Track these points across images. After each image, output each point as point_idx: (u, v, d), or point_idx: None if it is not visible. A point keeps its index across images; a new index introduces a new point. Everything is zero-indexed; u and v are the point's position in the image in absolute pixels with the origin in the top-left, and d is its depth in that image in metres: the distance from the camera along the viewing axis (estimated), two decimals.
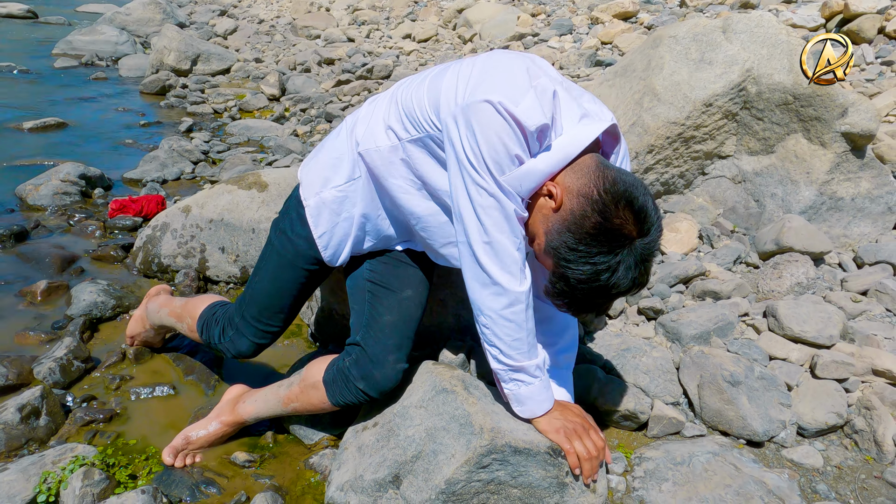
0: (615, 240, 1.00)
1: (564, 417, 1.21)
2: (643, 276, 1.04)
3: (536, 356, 1.18)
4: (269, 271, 1.45)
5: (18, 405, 1.41)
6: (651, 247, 1.02)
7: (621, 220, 1.00)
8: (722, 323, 1.63)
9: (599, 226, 1.00)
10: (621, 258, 1.00)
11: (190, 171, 3.51)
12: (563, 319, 1.34)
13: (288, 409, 1.42)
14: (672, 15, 6.33)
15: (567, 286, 1.04)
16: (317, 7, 10.76)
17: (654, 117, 2.31)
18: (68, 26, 10.22)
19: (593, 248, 1.00)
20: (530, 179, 1.06)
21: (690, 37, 2.44)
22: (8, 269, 2.30)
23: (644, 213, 1.00)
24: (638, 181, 1.04)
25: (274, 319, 1.47)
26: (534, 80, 1.05)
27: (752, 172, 2.32)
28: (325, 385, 1.35)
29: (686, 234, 2.14)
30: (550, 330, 1.33)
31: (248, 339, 1.48)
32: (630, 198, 1.00)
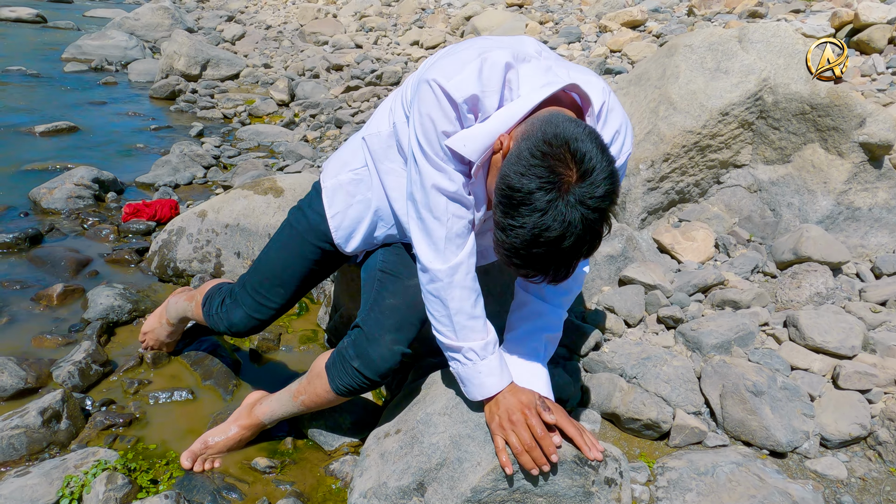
0: (548, 181, 0.91)
1: (504, 406, 1.13)
2: (583, 228, 0.92)
3: (471, 340, 1.15)
4: (279, 242, 1.48)
5: (40, 408, 1.41)
6: (589, 195, 0.91)
7: (556, 160, 0.92)
8: (743, 332, 1.62)
9: (533, 164, 0.92)
10: (552, 199, 0.91)
11: (202, 175, 3.52)
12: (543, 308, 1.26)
13: (297, 404, 1.41)
14: (680, 24, 6.35)
15: (504, 235, 0.96)
16: (324, 13, 10.82)
17: (670, 126, 2.31)
18: (77, 31, 10.28)
19: (524, 187, 0.92)
20: (476, 140, 1.04)
21: (706, 46, 2.45)
22: (23, 272, 2.30)
23: (583, 157, 0.91)
24: (591, 134, 0.95)
25: (272, 294, 1.46)
26: (485, 53, 1.05)
27: (767, 182, 2.31)
28: (326, 371, 1.34)
29: (703, 242, 2.14)
30: (528, 313, 1.27)
31: (242, 310, 1.49)
32: (569, 139, 0.92)
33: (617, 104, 1.18)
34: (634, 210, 2.35)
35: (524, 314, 1.28)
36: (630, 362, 1.57)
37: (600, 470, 1.19)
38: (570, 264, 0.97)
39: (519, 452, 1.11)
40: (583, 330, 1.65)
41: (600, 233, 0.96)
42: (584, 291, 1.85)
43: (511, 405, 1.13)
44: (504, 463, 1.12)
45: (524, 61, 1.09)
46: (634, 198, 2.34)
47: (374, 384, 1.31)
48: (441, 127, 1.06)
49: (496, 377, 1.16)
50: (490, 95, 1.05)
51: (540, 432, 1.10)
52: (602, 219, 0.94)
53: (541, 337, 1.23)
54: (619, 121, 1.17)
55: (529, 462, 1.10)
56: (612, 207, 0.96)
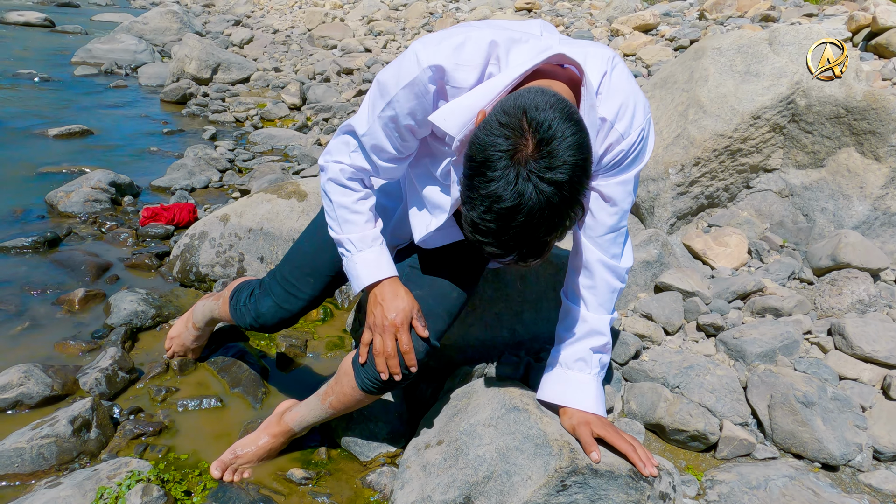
0: (502, 149, 0.85)
1: (382, 310, 1.18)
2: (538, 202, 0.85)
3: (350, 232, 1.20)
4: (312, 230, 1.46)
5: (70, 417, 1.38)
6: (545, 166, 0.84)
7: (512, 129, 0.86)
8: (787, 341, 1.58)
9: (491, 133, 0.87)
10: (505, 167, 0.85)
11: (217, 179, 3.49)
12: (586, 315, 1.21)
13: (326, 406, 1.36)
14: (693, 27, 6.32)
15: (466, 209, 0.92)
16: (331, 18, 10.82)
17: (701, 130, 2.27)
18: (85, 35, 10.30)
19: (480, 156, 0.87)
20: (455, 115, 1.00)
21: (735, 49, 2.41)
22: (44, 276, 2.27)
23: (539, 126, 0.85)
24: (558, 104, 0.87)
25: (302, 283, 1.43)
26: (472, 32, 1.03)
27: (800, 186, 2.27)
28: (353, 366, 1.29)
29: (736, 248, 2.10)
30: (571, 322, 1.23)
31: (271, 299, 1.46)
32: (527, 107, 0.86)
33: (624, 76, 1.07)
34: (663, 215, 2.31)
35: (567, 324, 1.24)
36: (672, 371, 1.53)
37: (655, 484, 1.15)
38: (531, 242, 0.89)
39: (377, 353, 1.19)
40: (621, 338, 1.60)
41: (560, 209, 0.87)
42: (621, 299, 1.81)
43: (389, 311, 1.18)
44: (361, 354, 1.23)
45: (519, 42, 1.04)
46: (664, 202, 2.30)
47: (402, 379, 1.24)
48: (392, 90, 1.05)
49: (369, 269, 1.20)
50: (463, 69, 1.01)
51: (405, 347, 1.17)
52: (560, 192, 0.85)
53: (586, 346, 1.19)
54: (626, 92, 1.07)
55: (382, 365, 1.19)
56: (576, 183, 0.86)
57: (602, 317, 1.19)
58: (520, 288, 1.64)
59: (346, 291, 2.22)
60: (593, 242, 1.17)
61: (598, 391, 1.19)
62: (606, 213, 1.14)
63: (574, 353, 1.18)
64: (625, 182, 1.12)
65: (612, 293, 1.19)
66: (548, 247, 0.93)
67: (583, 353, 1.18)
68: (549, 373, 1.23)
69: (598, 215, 1.15)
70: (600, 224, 1.15)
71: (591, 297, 1.19)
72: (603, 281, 1.17)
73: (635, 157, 1.11)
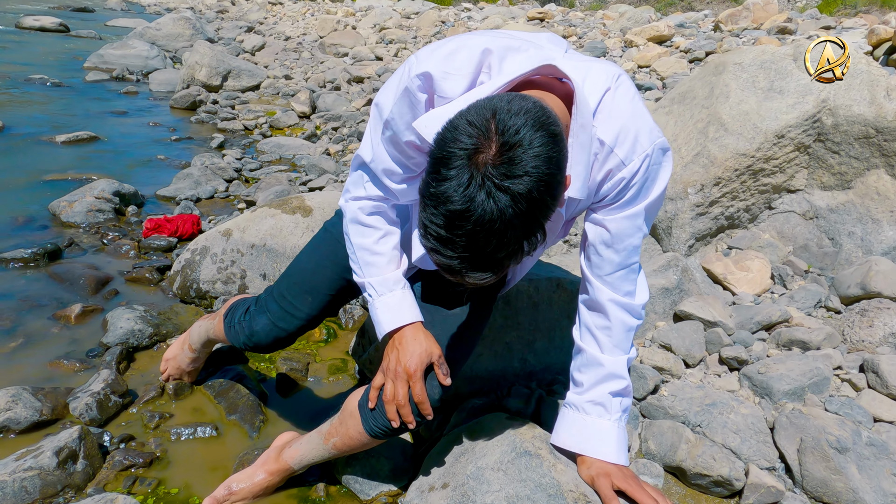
0: (462, 148, 0.78)
1: (399, 355, 1.12)
2: (489, 212, 0.76)
3: (372, 276, 1.17)
4: (312, 245, 1.40)
5: (55, 448, 1.30)
6: (503, 174, 0.76)
7: (478, 129, 0.78)
8: (817, 378, 1.48)
9: (457, 132, 0.80)
10: (460, 167, 0.78)
11: (224, 189, 3.43)
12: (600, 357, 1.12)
13: (329, 447, 1.28)
14: (709, 39, 6.24)
15: (419, 208, 0.85)
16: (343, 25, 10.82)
17: (722, 148, 2.18)
18: (99, 40, 10.36)
19: (440, 153, 0.81)
20: (437, 121, 0.91)
21: (757, 64, 2.32)
22: (42, 290, 2.21)
23: (506, 130, 0.77)
24: (534, 112, 0.80)
25: (299, 301, 1.36)
26: (468, 40, 0.97)
27: (825, 209, 2.18)
28: (359, 409, 1.21)
29: (758, 273, 2.00)
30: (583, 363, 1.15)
31: (266, 317, 1.39)
32: (498, 109, 0.79)
33: (628, 97, 0.98)
34: (681, 236, 2.22)
35: (582, 367, 1.14)
36: (693, 408, 1.44)
37: None
38: (480, 256, 0.80)
39: (388, 401, 1.12)
40: (638, 370, 1.52)
41: (514, 225, 0.78)
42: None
43: (407, 357, 1.11)
44: (371, 398, 1.16)
45: (516, 51, 0.97)
46: (682, 223, 2.21)
47: (416, 426, 1.18)
48: (385, 109, 1.03)
49: (390, 314, 1.15)
50: (452, 78, 0.95)
51: (419, 396, 1.10)
52: (516, 206, 0.77)
53: (604, 391, 1.10)
54: (630, 114, 0.97)
55: (392, 413, 1.12)
56: (537, 200, 0.78)
57: (618, 358, 1.10)
58: (532, 315, 1.56)
59: (351, 311, 2.15)
60: (602, 282, 1.08)
61: (619, 438, 1.10)
62: (614, 250, 1.05)
63: (592, 398, 1.09)
64: (633, 216, 1.02)
65: (629, 332, 1.10)
66: (501, 267, 0.83)
67: (601, 397, 1.09)
68: (565, 417, 1.14)
69: (605, 253, 1.06)
70: (608, 262, 1.06)
71: (605, 338, 1.10)
72: (618, 321, 1.08)
73: (640, 187, 1.00)
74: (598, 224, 1.05)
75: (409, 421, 1.11)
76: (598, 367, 1.09)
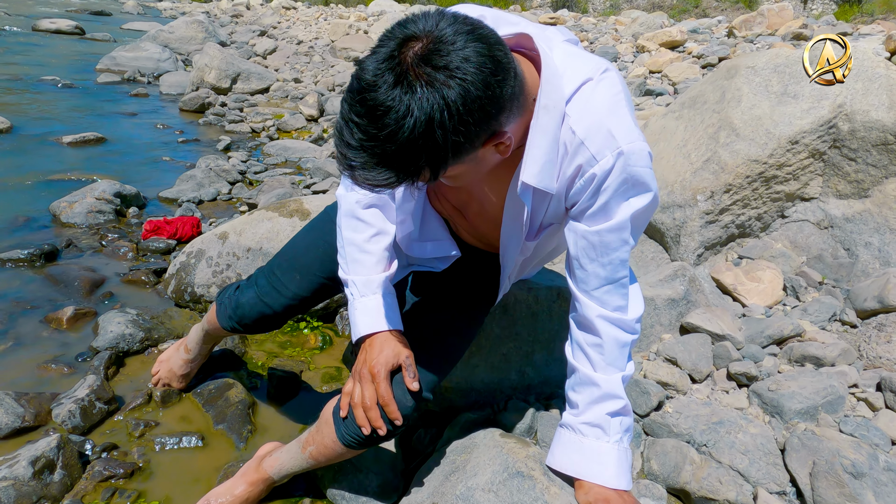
0: (399, 32, 0.76)
1: (368, 357, 1.07)
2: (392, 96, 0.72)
3: (356, 274, 1.12)
4: (310, 226, 1.38)
5: (31, 457, 1.26)
6: (422, 61, 0.72)
7: (420, 23, 0.76)
8: (831, 396, 1.40)
9: (403, 21, 0.78)
10: (388, 46, 0.76)
11: (227, 191, 3.40)
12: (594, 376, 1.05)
13: (306, 456, 1.22)
14: (722, 44, 6.15)
15: None
16: (355, 29, 10.83)
17: (733, 154, 2.11)
18: (113, 43, 10.45)
19: (381, 38, 0.79)
20: None
21: (771, 68, 2.25)
22: (36, 291, 2.18)
23: (442, 34, 0.74)
24: (490, 34, 0.77)
25: (287, 278, 1.33)
26: (468, 8, 0.92)
27: (841, 218, 2.09)
28: (333, 417, 1.15)
29: (770, 284, 1.92)
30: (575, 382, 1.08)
31: (253, 291, 1.37)
32: (448, 16, 0.77)
33: (611, 92, 0.91)
34: (690, 244, 2.14)
35: (576, 387, 1.07)
36: (699, 427, 1.36)
37: None
38: (371, 144, 0.75)
39: (355, 405, 1.07)
40: (642, 386, 1.44)
41: (418, 121, 0.72)
42: (642, 340, 1.65)
43: (375, 358, 1.06)
44: (342, 406, 1.11)
45: (507, 22, 0.93)
46: (691, 231, 2.14)
47: (388, 434, 1.10)
48: None
49: (367, 318, 1.10)
50: None
51: (384, 398, 1.04)
52: (427, 100, 0.71)
53: (601, 412, 1.02)
54: (607, 108, 0.89)
55: (361, 418, 1.06)
56: (448, 109, 0.72)
57: (613, 377, 1.02)
58: (531, 325, 1.50)
59: (348, 318, 2.09)
60: (590, 297, 1.00)
61: (620, 461, 1.03)
62: (599, 263, 0.97)
63: (588, 419, 1.02)
64: (617, 228, 0.94)
65: (623, 348, 1.02)
66: (392, 171, 0.76)
67: (598, 419, 1.02)
68: (561, 438, 1.07)
69: (590, 267, 0.98)
70: (593, 276, 0.99)
71: (597, 356, 1.02)
72: (609, 337, 1.01)
73: (619, 192, 0.91)
74: (580, 235, 0.97)
75: (378, 426, 1.05)
76: (592, 387, 1.02)
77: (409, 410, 1.07)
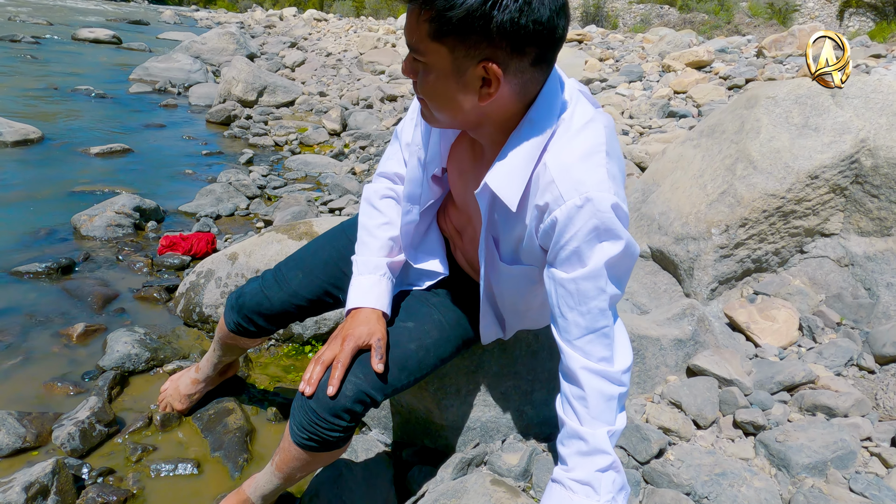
0: None
1: (346, 326, 1.14)
2: None
3: (361, 254, 1.22)
4: (322, 235, 1.43)
5: (25, 483, 1.27)
6: None
7: None
8: (842, 451, 1.34)
9: None
10: None
11: (244, 206, 3.44)
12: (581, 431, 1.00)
13: (273, 468, 1.22)
14: (750, 65, 6.04)
15: None
16: (383, 43, 10.93)
17: (750, 187, 2.05)
18: (148, 52, 10.72)
19: None
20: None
21: (792, 99, 2.19)
22: (50, 305, 2.22)
23: None
24: None
25: (291, 274, 1.36)
26: None
27: (862, 256, 2.02)
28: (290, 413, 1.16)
29: (784, 324, 1.86)
30: (563, 435, 1.04)
31: (258, 282, 1.40)
32: None
33: (598, 143, 0.92)
34: (704, 279, 2.09)
35: (564, 440, 1.02)
36: (701, 477, 1.32)
37: None
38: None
39: (314, 360, 1.11)
40: (642, 431, 1.40)
41: None
42: (646, 381, 1.61)
43: (350, 329, 1.12)
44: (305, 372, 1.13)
45: None
46: (704, 265, 2.09)
47: (328, 423, 1.08)
48: None
49: (358, 293, 1.18)
50: None
51: (336, 363, 1.08)
52: None
53: (590, 469, 0.98)
54: (589, 155, 0.91)
55: (308, 372, 1.10)
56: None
57: (598, 431, 0.97)
58: (531, 364, 1.47)
59: None
60: (572, 347, 0.97)
61: None
62: (578, 312, 0.94)
63: (577, 477, 0.99)
64: (590, 276, 0.92)
65: (609, 401, 0.98)
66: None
67: (587, 476, 0.98)
68: (553, 493, 1.03)
69: (570, 315, 0.95)
70: (573, 325, 0.96)
71: (582, 409, 0.98)
72: (593, 390, 0.97)
73: (588, 235, 0.90)
74: (558, 283, 0.96)
75: (310, 383, 1.08)
76: (578, 441, 0.99)
77: (353, 392, 1.07)
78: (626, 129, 4.45)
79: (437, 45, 0.86)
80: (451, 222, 1.29)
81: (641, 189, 2.56)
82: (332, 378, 1.07)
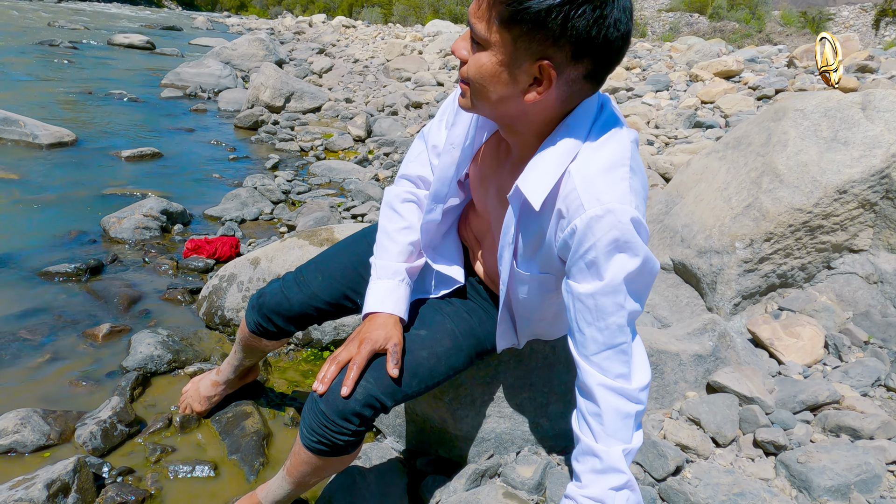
0: None
1: (362, 330, 1.15)
2: None
3: (380, 257, 1.22)
4: (344, 240, 1.44)
5: (47, 480, 1.30)
6: None
7: None
8: (866, 475, 1.31)
9: None
10: None
11: (269, 211, 3.49)
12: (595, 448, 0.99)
13: (284, 473, 1.23)
14: (780, 76, 5.94)
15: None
16: (410, 49, 11.01)
17: (776, 201, 2.02)
18: (180, 58, 10.97)
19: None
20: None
21: (821, 112, 2.15)
22: (78, 305, 2.28)
23: None
24: None
25: (311, 276, 1.38)
26: None
27: (892, 273, 1.97)
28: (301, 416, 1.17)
29: (810, 341, 1.82)
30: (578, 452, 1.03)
31: (279, 282, 1.41)
32: None
33: (623, 159, 0.92)
34: (727, 293, 2.06)
35: (577, 453, 1.03)
36: (719, 496, 1.29)
37: None
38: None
39: (330, 359, 1.13)
40: (659, 448, 1.38)
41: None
42: (665, 396, 1.59)
43: (367, 333, 1.13)
44: (320, 371, 1.14)
45: None
46: (727, 279, 2.06)
47: (337, 426, 1.09)
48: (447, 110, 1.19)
49: (375, 298, 1.18)
50: None
51: (352, 364, 1.10)
52: None
53: (604, 487, 0.97)
54: (614, 167, 0.91)
55: (322, 371, 1.12)
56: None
57: (613, 449, 0.96)
58: (547, 377, 1.46)
59: None
60: (589, 363, 0.97)
61: None
62: (596, 328, 0.94)
63: (591, 494, 0.98)
64: (609, 292, 0.91)
65: (625, 419, 0.97)
66: None
67: (601, 494, 0.97)
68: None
69: (587, 331, 0.95)
70: (591, 340, 0.95)
71: (598, 426, 0.97)
72: (609, 407, 0.96)
73: (607, 247, 0.89)
74: (575, 297, 0.95)
75: (323, 381, 1.10)
76: (593, 459, 0.98)
77: (364, 395, 1.08)
78: (652, 139, 4.40)
79: (503, 30, 0.84)
80: (472, 230, 1.29)
81: (665, 200, 2.53)
82: (347, 379, 1.09)
